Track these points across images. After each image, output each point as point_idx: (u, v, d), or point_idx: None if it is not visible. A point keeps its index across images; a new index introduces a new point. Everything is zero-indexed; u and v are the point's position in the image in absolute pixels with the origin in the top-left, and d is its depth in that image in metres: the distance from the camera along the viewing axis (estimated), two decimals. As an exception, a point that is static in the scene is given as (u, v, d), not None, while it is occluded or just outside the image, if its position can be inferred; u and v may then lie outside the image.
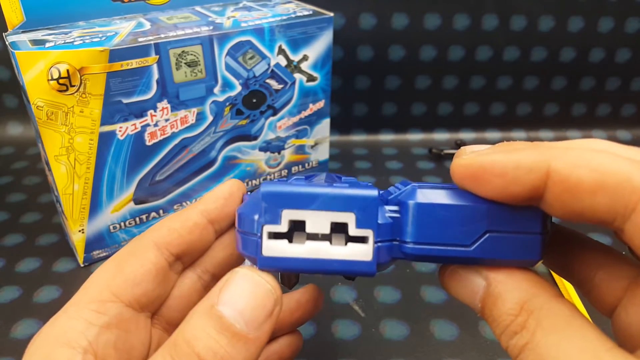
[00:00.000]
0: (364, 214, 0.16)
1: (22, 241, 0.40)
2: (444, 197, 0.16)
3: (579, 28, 0.53)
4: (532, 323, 0.14)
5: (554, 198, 0.14)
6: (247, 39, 0.37)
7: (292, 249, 0.16)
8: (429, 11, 0.52)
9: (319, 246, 0.16)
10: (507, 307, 0.15)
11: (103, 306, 0.17)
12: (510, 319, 0.14)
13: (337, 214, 0.16)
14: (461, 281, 0.16)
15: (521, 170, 0.14)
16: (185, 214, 0.20)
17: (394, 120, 0.57)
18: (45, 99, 0.31)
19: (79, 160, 0.33)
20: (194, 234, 0.20)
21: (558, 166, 0.13)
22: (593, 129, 0.59)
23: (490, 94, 0.56)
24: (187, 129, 0.37)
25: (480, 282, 0.16)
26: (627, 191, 0.13)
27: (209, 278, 0.21)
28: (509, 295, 0.15)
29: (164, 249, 0.19)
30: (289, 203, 0.16)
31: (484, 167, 0.14)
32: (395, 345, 0.31)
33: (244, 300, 0.15)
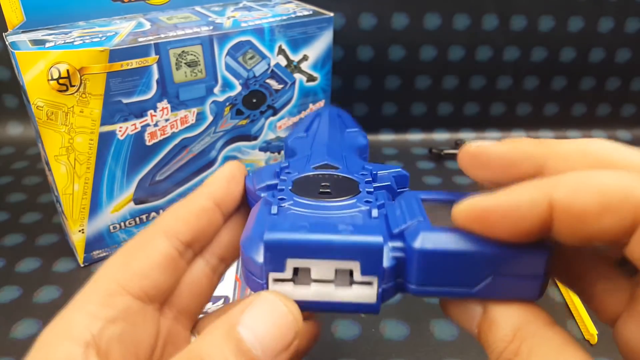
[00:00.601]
0: (368, 262, 0.16)
1: (22, 241, 0.40)
2: (449, 242, 0.15)
3: (579, 28, 0.53)
4: (524, 350, 0.14)
5: (563, 227, 0.14)
6: (247, 39, 0.37)
7: (298, 292, 0.16)
8: (429, 11, 0.52)
9: (324, 289, 0.16)
10: (501, 334, 0.15)
11: (110, 299, 0.17)
12: (504, 345, 0.15)
13: (342, 262, 0.16)
14: (460, 307, 0.16)
15: (524, 208, 0.14)
16: (192, 200, 0.20)
17: (394, 120, 0.57)
18: (45, 99, 0.31)
19: (79, 160, 0.33)
20: (203, 219, 0.20)
21: (560, 196, 0.13)
22: (593, 129, 0.59)
23: (490, 94, 0.56)
24: (187, 129, 0.37)
25: (478, 308, 0.16)
26: (632, 208, 0.13)
27: (216, 261, 0.21)
28: (503, 321, 0.15)
29: (174, 237, 0.19)
30: (293, 253, 0.16)
31: (488, 212, 0.14)
32: (395, 345, 0.31)
33: (265, 328, 0.15)
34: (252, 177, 0.22)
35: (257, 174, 0.22)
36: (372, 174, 0.21)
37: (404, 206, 0.17)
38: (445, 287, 0.16)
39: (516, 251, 0.15)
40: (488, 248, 0.15)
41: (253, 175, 0.22)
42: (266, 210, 0.18)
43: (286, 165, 0.22)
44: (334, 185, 0.20)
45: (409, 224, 0.16)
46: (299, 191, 0.19)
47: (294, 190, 0.19)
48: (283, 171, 0.21)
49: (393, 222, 0.17)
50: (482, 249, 0.15)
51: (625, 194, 0.13)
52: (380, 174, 0.21)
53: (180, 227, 0.19)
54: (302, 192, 0.19)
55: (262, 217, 0.18)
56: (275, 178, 0.21)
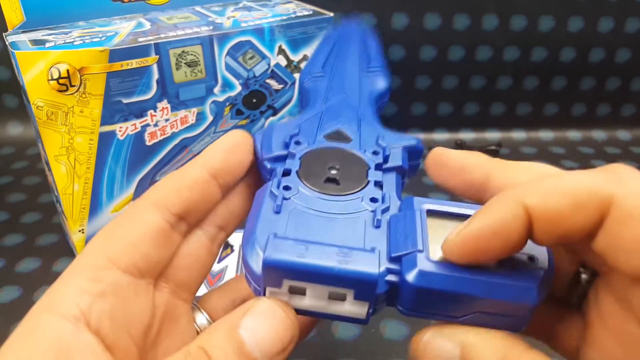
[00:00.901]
0: (362, 292, 0.16)
1: (22, 241, 0.40)
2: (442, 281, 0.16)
3: (579, 28, 0.53)
4: None
5: (541, 231, 0.14)
6: (247, 39, 0.37)
7: (293, 302, 0.17)
8: (429, 11, 0.52)
9: (318, 303, 0.17)
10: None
11: (98, 273, 0.17)
12: None
13: (336, 288, 0.16)
14: (433, 353, 0.16)
15: (507, 223, 0.14)
16: (184, 170, 0.19)
17: (394, 120, 0.57)
18: (45, 99, 0.31)
19: (79, 160, 0.33)
20: (195, 190, 0.19)
21: (534, 201, 0.14)
22: (593, 129, 0.59)
23: (490, 94, 0.56)
24: (187, 129, 0.37)
25: (453, 348, 0.16)
26: (598, 203, 0.14)
27: (215, 231, 0.20)
28: (486, 355, 0.15)
29: (164, 209, 0.18)
30: (289, 276, 0.16)
31: (477, 240, 0.15)
32: (395, 345, 0.31)
33: (264, 331, 0.15)
34: (261, 140, 0.21)
35: (265, 138, 0.21)
36: (384, 154, 0.20)
37: (407, 221, 0.17)
38: (433, 315, 0.16)
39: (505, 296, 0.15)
40: (479, 290, 0.15)
41: (262, 137, 0.21)
42: (271, 205, 0.18)
43: (296, 133, 0.21)
44: (342, 169, 0.19)
45: (408, 251, 0.16)
46: (305, 176, 0.19)
47: (301, 172, 0.19)
48: (292, 140, 0.21)
49: (394, 236, 0.17)
50: (473, 292, 0.15)
51: (591, 191, 0.14)
52: (393, 152, 0.20)
53: (171, 198, 0.18)
54: (309, 177, 0.19)
55: (266, 214, 0.18)
56: (284, 148, 0.20)
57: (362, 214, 0.18)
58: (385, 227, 0.17)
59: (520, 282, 0.15)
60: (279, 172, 0.19)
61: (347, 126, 0.22)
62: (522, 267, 0.16)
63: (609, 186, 0.14)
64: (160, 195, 0.19)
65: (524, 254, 0.16)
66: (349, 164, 0.20)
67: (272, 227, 0.17)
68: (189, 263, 0.19)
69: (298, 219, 0.17)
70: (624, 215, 0.13)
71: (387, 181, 0.19)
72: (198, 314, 0.21)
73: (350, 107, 0.23)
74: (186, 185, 0.19)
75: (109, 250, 0.17)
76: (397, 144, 0.21)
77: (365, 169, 0.20)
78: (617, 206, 0.13)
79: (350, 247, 0.16)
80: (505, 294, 0.15)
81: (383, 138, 0.21)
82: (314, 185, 0.19)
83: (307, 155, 0.20)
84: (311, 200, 0.18)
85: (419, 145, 0.21)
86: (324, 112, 0.23)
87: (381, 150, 0.21)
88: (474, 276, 0.15)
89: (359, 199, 0.18)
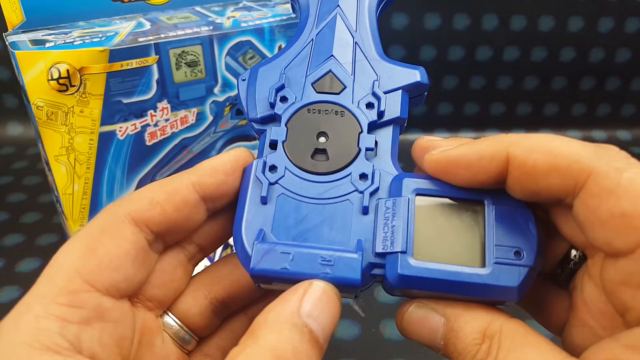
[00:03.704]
0: (346, 290, 0.17)
1: (22, 241, 0.40)
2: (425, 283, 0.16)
3: (579, 28, 0.53)
4: (494, 347, 0.14)
5: (514, 182, 0.15)
6: (247, 39, 0.37)
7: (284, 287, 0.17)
8: (429, 11, 0.52)
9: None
10: (470, 338, 0.15)
11: (76, 298, 0.15)
12: (475, 348, 0.15)
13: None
14: (419, 322, 0.16)
15: (484, 160, 0.16)
16: (174, 185, 0.17)
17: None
18: (45, 99, 0.31)
19: (79, 160, 0.33)
20: (181, 212, 0.17)
21: (516, 152, 0.15)
22: (593, 129, 0.59)
23: (490, 94, 0.56)
24: (187, 129, 0.37)
25: (439, 319, 0.16)
26: (576, 171, 0.14)
27: (194, 250, 0.19)
28: (469, 326, 0.15)
29: (143, 225, 0.17)
30: (277, 281, 0.16)
31: (452, 162, 0.16)
32: (395, 345, 0.31)
33: (328, 318, 0.15)
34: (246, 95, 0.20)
35: (250, 93, 0.20)
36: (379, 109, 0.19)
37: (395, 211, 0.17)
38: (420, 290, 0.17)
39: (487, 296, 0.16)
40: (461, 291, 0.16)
41: (247, 91, 0.20)
42: (257, 192, 0.17)
43: (282, 85, 0.19)
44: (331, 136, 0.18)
45: (392, 251, 0.16)
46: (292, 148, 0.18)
47: (287, 144, 0.18)
48: (278, 96, 0.19)
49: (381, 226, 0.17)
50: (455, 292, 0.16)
51: (574, 159, 0.15)
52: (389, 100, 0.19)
53: (153, 215, 0.17)
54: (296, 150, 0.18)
55: (252, 206, 0.17)
56: (270, 108, 0.19)
57: (351, 197, 0.18)
58: (373, 214, 0.17)
59: (502, 283, 0.16)
60: (266, 145, 0.18)
61: (339, 66, 0.20)
62: (507, 263, 0.16)
63: (592, 159, 0.14)
64: (143, 208, 0.17)
65: (510, 248, 0.16)
66: (339, 128, 0.19)
67: (259, 221, 0.17)
68: (164, 281, 0.18)
69: (284, 209, 0.17)
70: (600, 189, 0.14)
71: (381, 141, 0.19)
72: (165, 317, 0.19)
73: (346, 26, 0.21)
74: (173, 204, 0.17)
75: (84, 270, 0.16)
76: (396, 85, 0.19)
77: (357, 132, 0.19)
78: (595, 179, 0.14)
79: (334, 249, 0.16)
80: (487, 294, 0.16)
81: (379, 80, 0.19)
82: (301, 163, 0.18)
83: (294, 119, 0.19)
84: (298, 185, 0.18)
85: (424, 80, 0.20)
86: (314, 43, 0.20)
87: (376, 102, 0.19)
88: (455, 278, 0.16)
89: (347, 178, 0.18)
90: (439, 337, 0.16)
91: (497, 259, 0.16)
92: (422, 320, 0.16)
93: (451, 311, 0.16)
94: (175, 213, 0.17)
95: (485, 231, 0.16)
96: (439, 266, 0.16)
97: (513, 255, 0.16)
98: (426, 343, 0.16)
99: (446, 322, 0.16)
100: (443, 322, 0.16)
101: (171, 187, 0.17)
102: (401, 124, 0.20)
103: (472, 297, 0.16)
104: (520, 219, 0.16)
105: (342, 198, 0.18)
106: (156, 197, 0.17)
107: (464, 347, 0.15)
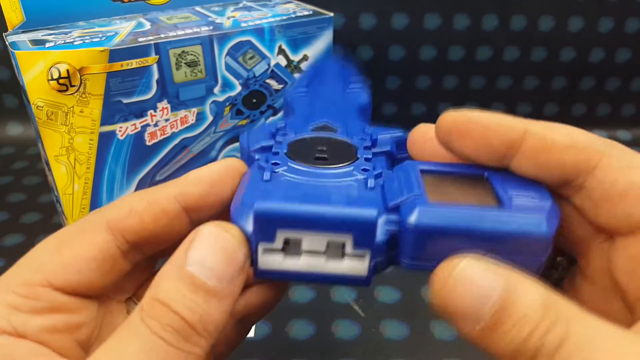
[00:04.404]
0: (361, 236, 0.15)
1: (22, 241, 0.40)
2: (445, 218, 0.15)
3: (579, 28, 0.53)
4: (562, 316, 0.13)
5: (528, 155, 0.15)
6: (247, 39, 0.37)
7: (288, 263, 0.16)
8: (429, 11, 0.52)
9: (315, 261, 0.16)
10: (535, 304, 0.13)
11: (33, 291, 0.15)
12: (540, 314, 0.13)
13: (334, 234, 0.15)
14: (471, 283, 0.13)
15: (502, 127, 0.15)
16: (155, 195, 0.17)
17: (394, 120, 0.57)
18: (45, 99, 0.31)
19: (79, 160, 0.33)
20: (160, 222, 0.17)
21: (535, 129, 0.15)
22: (593, 129, 0.59)
23: (490, 94, 0.56)
24: (187, 129, 0.37)
25: (495, 281, 0.13)
26: (592, 152, 0.15)
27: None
28: (530, 292, 0.13)
29: (118, 233, 0.16)
30: (283, 224, 0.15)
31: (470, 120, 0.16)
32: (395, 345, 0.31)
33: (213, 258, 0.14)
34: (247, 135, 0.20)
35: (252, 132, 0.20)
36: (372, 138, 0.20)
37: (402, 178, 0.17)
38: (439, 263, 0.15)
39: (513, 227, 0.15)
40: (485, 223, 0.15)
41: (248, 134, 0.20)
42: (258, 176, 0.17)
43: (283, 126, 0.20)
44: (330, 150, 0.19)
45: (405, 198, 0.15)
46: (294, 155, 0.18)
47: (289, 154, 0.18)
48: (279, 132, 0.20)
49: (390, 194, 0.16)
50: (479, 225, 0.15)
51: (590, 143, 0.15)
52: (380, 138, 0.20)
53: (131, 224, 0.17)
54: (297, 156, 0.18)
55: (254, 183, 0.17)
56: (271, 139, 0.20)
57: (355, 180, 0.17)
58: (379, 190, 0.17)
59: (528, 213, 0.15)
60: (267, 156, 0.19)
61: (333, 122, 0.21)
62: (526, 203, 0.15)
63: (606, 145, 0.15)
64: (121, 216, 0.17)
65: (524, 195, 0.15)
66: (337, 146, 0.19)
67: (262, 192, 0.16)
68: (135, 287, 0.18)
69: (289, 185, 0.17)
70: (618, 163, 0.14)
71: (377, 162, 0.19)
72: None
73: (335, 110, 0.23)
74: (151, 214, 0.17)
75: (48, 267, 0.16)
76: (385, 133, 0.21)
77: (354, 150, 0.19)
78: (609, 158, 0.15)
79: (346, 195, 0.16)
80: (513, 225, 0.14)
81: (369, 129, 0.21)
82: (303, 162, 0.18)
83: (294, 141, 0.19)
84: (301, 172, 0.17)
85: (405, 135, 0.20)
86: (309, 114, 0.22)
87: (368, 137, 0.20)
88: (477, 211, 0.15)
89: (350, 169, 0.18)
90: (491, 303, 0.13)
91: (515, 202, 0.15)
92: (476, 279, 0.13)
93: (510, 273, 0.13)
94: (153, 223, 0.17)
95: (497, 192, 0.16)
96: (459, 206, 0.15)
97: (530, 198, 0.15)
98: (466, 311, 0.13)
99: (504, 288, 0.13)
100: (500, 288, 0.13)
101: (152, 197, 0.17)
102: (392, 160, 0.20)
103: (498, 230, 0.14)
104: (531, 186, 0.16)
105: (346, 180, 0.17)
106: (136, 207, 0.17)
107: (525, 313, 0.13)
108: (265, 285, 0.21)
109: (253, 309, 0.21)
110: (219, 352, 0.20)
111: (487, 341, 0.13)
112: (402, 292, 0.35)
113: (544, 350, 0.12)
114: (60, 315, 0.16)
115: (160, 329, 0.14)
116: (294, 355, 0.31)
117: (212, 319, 0.14)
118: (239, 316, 0.20)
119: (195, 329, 0.14)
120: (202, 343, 0.14)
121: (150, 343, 0.13)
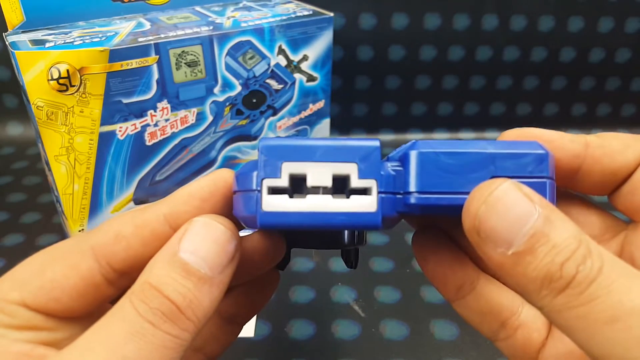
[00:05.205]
0: (366, 164, 0.15)
1: (22, 241, 0.40)
2: (447, 145, 0.16)
3: (579, 28, 0.53)
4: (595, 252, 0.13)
5: (594, 161, 0.17)
6: (247, 39, 0.37)
7: (294, 204, 0.15)
8: (429, 11, 0.52)
9: (321, 200, 0.15)
10: (570, 235, 0.13)
11: (8, 307, 0.15)
12: (575, 245, 0.13)
13: (339, 165, 0.15)
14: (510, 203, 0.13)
15: (565, 138, 0.17)
16: (143, 217, 0.16)
17: (394, 120, 0.57)
18: (45, 99, 0.31)
19: (79, 160, 0.33)
20: (150, 246, 0.16)
21: (592, 138, 0.17)
22: (593, 129, 0.59)
23: (490, 94, 0.56)
24: (187, 129, 0.37)
25: (532, 206, 0.13)
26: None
27: None
28: (566, 224, 0.13)
29: (104, 261, 0.16)
30: (289, 155, 0.15)
31: (534, 135, 0.17)
32: (395, 345, 0.31)
33: (206, 247, 0.15)
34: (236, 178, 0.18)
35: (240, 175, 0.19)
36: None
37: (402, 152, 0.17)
38: (447, 195, 0.15)
39: (516, 152, 0.16)
40: (487, 148, 0.16)
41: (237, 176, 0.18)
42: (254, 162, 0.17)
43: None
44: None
45: (404, 147, 0.16)
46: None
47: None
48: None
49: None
50: (480, 150, 0.15)
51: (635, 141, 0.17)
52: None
53: (117, 250, 0.16)
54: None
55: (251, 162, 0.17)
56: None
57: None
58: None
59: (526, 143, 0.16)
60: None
61: None
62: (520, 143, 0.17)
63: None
64: (107, 242, 0.16)
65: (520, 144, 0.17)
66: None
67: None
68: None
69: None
70: None
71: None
72: None
73: None
74: (140, 238, 0.16)
75: (28, 289, 0.15)
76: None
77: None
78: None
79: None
80: (516, 146, 0.16)
81: None
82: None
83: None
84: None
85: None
86: None
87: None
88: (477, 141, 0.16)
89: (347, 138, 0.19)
90: (527, 228, 0.13)
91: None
92: (517, 201, 0.13)
93: (547, 203, 0.13)
94: (142, 248, 0.16)
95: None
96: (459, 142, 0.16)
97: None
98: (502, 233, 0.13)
99: (543, 212, 0.13)
100: (539, 212, 0.13)
101: (140, 219, 0.16)
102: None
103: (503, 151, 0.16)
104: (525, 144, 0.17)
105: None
106: (123, 231, 0.16)
107: (563, 239, 0.13)
108: (253, 284, 0.20)
109: (242, 308, 0.21)
110: (211, 352, 0.20)
111: (516, 267, 0.13)
112: (402, 292, 0.35)
113: (579, 278, 0.12)
114: (38, 333, 0.15)
115: (148, 312, 0.14)
116: (294, 355, 0.31)
117: (202, 306, 0.14)
118: (228, 315, 0.21)
119: (184, 313, 0.14)
120: (190, 328, 0.14)
121: (137, 325, 0.14)
